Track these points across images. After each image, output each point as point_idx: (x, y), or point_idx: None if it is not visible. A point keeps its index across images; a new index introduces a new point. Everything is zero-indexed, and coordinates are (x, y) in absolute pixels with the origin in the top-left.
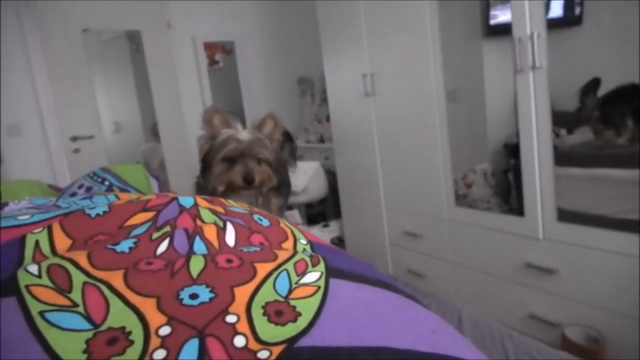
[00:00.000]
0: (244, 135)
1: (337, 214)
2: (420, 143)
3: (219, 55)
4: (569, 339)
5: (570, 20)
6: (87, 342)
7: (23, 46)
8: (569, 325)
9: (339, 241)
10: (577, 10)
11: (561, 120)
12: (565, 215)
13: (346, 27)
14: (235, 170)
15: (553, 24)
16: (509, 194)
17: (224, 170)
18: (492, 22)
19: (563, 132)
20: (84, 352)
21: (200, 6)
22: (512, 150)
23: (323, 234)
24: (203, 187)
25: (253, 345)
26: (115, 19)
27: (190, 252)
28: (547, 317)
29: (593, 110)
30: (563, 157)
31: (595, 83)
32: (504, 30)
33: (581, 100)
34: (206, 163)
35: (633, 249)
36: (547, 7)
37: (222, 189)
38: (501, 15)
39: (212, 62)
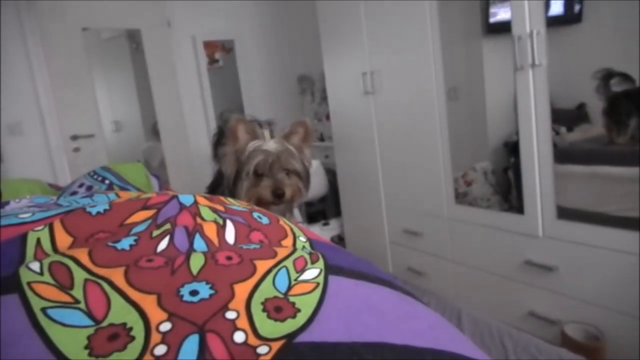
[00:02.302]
0: (271, 145)
1: (337, 213)
2: (420, 141)
3: (219, 54)
4: (568, 336)
5: (570, 17)
6: (89, 337)
7: (23, 45)
8: (569, 323)
9: (339, 239)
10: (577, 8)
11: (561, 117)
12: (565, 213)
13: (346, 25)
14: (263, 184)
15: (553, 22)
16: (509, 192)
17: (251, 184)
18: (492, 20)
19: (563, 129)
20: (86, 347)
21: (200, 5)
22: (512, 148)
23: (323, 232)
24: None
25: (253, 340)
26: (115, 17)
27: (191, 250)
28: (547, 314)
29: (605, 101)
30: (563, 155)
31: (606, 73)
32: (504, 28)
33: (598, 85)
34: (235, 178)
35: (633, 247)
36: (547, 5)
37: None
38: (501, 13)
39: (212, 61)
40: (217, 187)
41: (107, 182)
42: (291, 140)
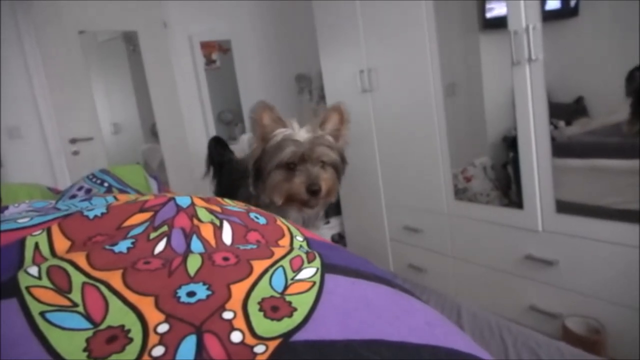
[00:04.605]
0: (303, 134)
1: (337, 211)
2: (419, 138)
3: (216, 54)
4: (569, 329)
5: (566, 12)
6: (88, 340)
7: (20, 49)
8: (570, 316)
9: (340, 237)
10: (573, 2)
11: (559, 111)
12: (564, 207)
13: (343, 23)
14: (296, 180)
15: (549, 16)
16: (508, 187)
17: (281, 179)
18: (489, 15)
19: (561, 123)
20: (85, 350)
21: (196, 5)
22: (511, 143)
23: (323, 230)
24: (248, 197)
25: (249, 340)
26: (112, 20)
27: (188, 251)
28: (548, 308)
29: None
30: (561, 149)
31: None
32: (501, 23)
33: (627, 82)
34: (258, 170)
35: (633, 239)
36: (544, 0)
37: (280, 202)
38: (497, 8)
39: (210, 61)
40: (235, 187)
41: (106, 184)
42: (325, 127)
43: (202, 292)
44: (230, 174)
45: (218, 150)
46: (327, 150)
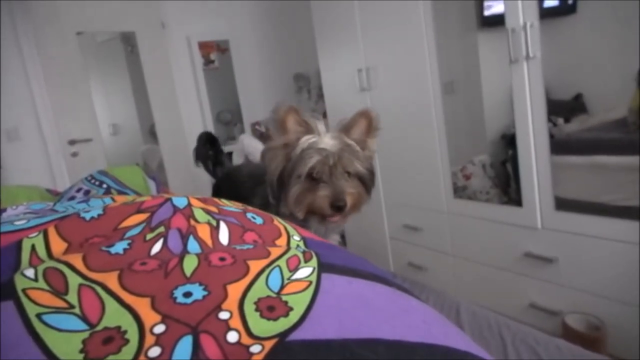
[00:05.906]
0: (328, 141)
1: None
2: (417, 136)
3: (215, 55)
4: (569, 326)
5: (564, 9)
6: (84, 342)
7: (18, 50)
8: (570, 314)
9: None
10: (571, 0)
11: (558, 109)
12: (563, 204)
13: (340, 22)
14: (320, 193)
15: (548, 13)
16: (507, 184)
17: (304, 190)
18: (487, 13)
19: (560, 120)
20: (81, 351)
21: (194, 6)
22: (510, 141)
23: None
24: (266, 205)
25: (246, 340)
26: (110, 20)
27: (184, 252)
28: (548, 306)
29: None
30: (560, 146)
31: None
32: (499, 21)
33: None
34: (280, 179)
35: (632, 236)
36: None
37: (301, 216)
38: (495, 6)
39: (208, 62)
40: (244, 193)
41: (104, 186)
42: (351, 134)
43: (198, 292)
44: (233, 179)
45: (208, 151)
46: (354, 160)
